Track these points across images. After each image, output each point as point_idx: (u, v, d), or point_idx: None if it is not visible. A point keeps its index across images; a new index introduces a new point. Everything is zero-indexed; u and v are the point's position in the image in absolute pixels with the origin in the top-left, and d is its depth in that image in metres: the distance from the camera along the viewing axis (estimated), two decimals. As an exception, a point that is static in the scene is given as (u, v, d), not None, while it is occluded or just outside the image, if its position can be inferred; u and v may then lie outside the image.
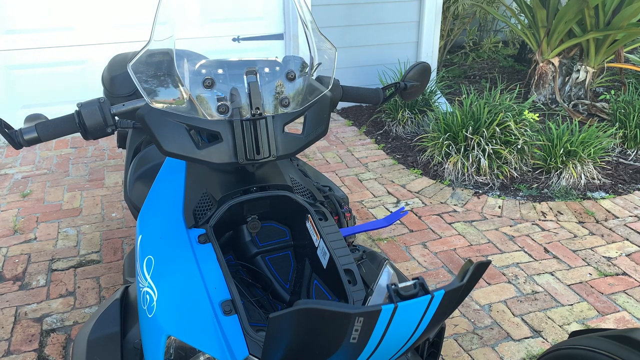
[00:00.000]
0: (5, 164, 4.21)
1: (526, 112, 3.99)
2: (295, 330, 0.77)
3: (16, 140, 1.34)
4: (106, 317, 1.39)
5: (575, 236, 3.21)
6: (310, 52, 1.46)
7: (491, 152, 3.81)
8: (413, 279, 0.80)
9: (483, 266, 0.84)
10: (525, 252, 3.06)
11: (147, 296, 1.18)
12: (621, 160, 4.14)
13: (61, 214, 3.49)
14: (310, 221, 1.35)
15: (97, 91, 4.60)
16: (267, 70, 1.38)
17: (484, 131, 3.82)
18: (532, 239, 3.19)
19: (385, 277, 1.18)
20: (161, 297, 1.15)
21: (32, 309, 2.62)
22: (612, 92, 4.97)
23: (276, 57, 1.46)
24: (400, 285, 0.78)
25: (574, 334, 1.41)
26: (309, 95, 1.41)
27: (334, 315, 0.73)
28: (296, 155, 2.64)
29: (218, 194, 1.36)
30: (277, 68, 1.40)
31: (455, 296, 0.84)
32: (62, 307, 2.63)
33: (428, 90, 4.85)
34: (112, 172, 4.06)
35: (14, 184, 3.90)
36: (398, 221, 3.40)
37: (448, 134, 3.97)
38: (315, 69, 1.47)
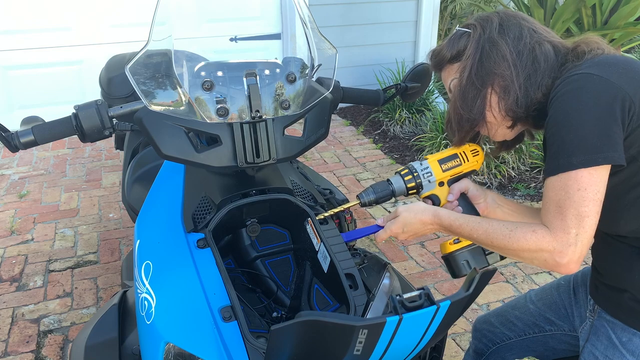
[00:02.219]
0: (2, 165, 4.19)
1: (524, 111, 3.98)
2: (297, 342, 0.76)
3: (12, 143, 1.32)
4: (104, 322, 1.37)
5: (573, 236, 3.21)
6: (310, 52, 1.45)
7: (489, 151, 3.79)
8: (418, 289, 0.79)
9: (488, 274, 0.83)
10: (524, 253, 3.05)
11: (146, 302, 1.17)
12: (619, 159, 4.13)
13: (58, 214, 3.48)
14: (311, 224, 1.34)
15: (94, 92, 4.58)
16: (267, 72, 1.37)
17: (482, 131, 3.81)
18: (531, 239, 3.18)
19: (387, 282, 1.17)
20: (160, 304, 1.14)
21: (30, 310, 2.61)
22: (610, 91, 4.95)
23: (276, 58, 1.44)
24: (405, 295, 0.77)
25: None
26: (309, 97, 1.40)
27: (337, 327, 0.72)
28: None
29: (217, 197, 1.35)
30: (278, 70, 1.38)
31: (460, 306, 0.83)
32: (59, 308, 2.62)
33: (426, 90, 4.84)
34: (109, 173, 4.05)
35: (11, 184, 3.88)
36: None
37: (446, 133, 3.95)
38: (316, 70, 1.46)
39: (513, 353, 1.60)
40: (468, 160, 1.40)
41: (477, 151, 1.42)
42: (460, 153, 1.40)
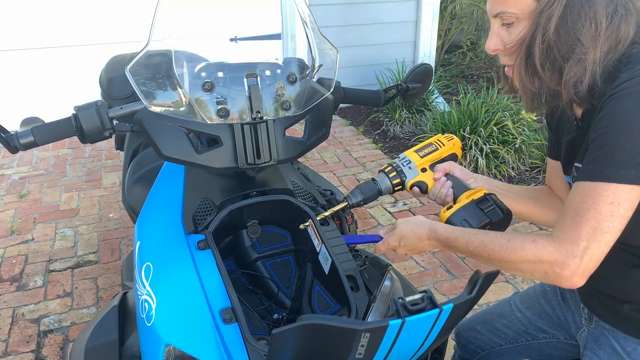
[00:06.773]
0: (2, 165, 4.18)
1: (523, 111, 3.98)
2: (298, 345, 0.76)
3: (12, 144, 1.32)
4: (104, 324, 1.37)
5: (574, 237, 3.20)
6: (311, 53, 1.44)
7: (489, 151, 3.80)
8: (420, 292, 0.78)
9: (491, 276, 0.82)
10: (525, 253, 3.04)
11: (146, 304, 1.16)
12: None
13: (58, 214, 3.48)
14: (312, 226, 1.33)
15: (94, 92, 4.57)
16: (267, 73, 1.36)
17: (481, 131, 3.81)
18: (531, 240, 3.18)
19: (388, 284, 1.17)
20: (160, 306, 1.14)
21: (30, 309, 2.61)
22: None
23: (276, 59, 1.44)
24: (408, 299, 0.76)
25: None
26: (310, 98, 1.39)
27: (339, 330, 0.71)
28: (296, 158, 2.61)
29: (218, 198, 1.34)
30: (278, 71, 1.38)
31: (463, 308, 0.82)
32: (59, 308, 2.62)
33: (426, 91, 4.84)
34: (109, 173, 4.04)
35: (11, 184, 3.88)
36: (397, 222, 3.37)
37: (446, 133, 3.95)
38: (317, 71, 1.45)
39: (505, 358, 1.55)
40: (444, 145, 1.44)
41: (452, 137, 1.47)
42: (434, 142, 1.45)
